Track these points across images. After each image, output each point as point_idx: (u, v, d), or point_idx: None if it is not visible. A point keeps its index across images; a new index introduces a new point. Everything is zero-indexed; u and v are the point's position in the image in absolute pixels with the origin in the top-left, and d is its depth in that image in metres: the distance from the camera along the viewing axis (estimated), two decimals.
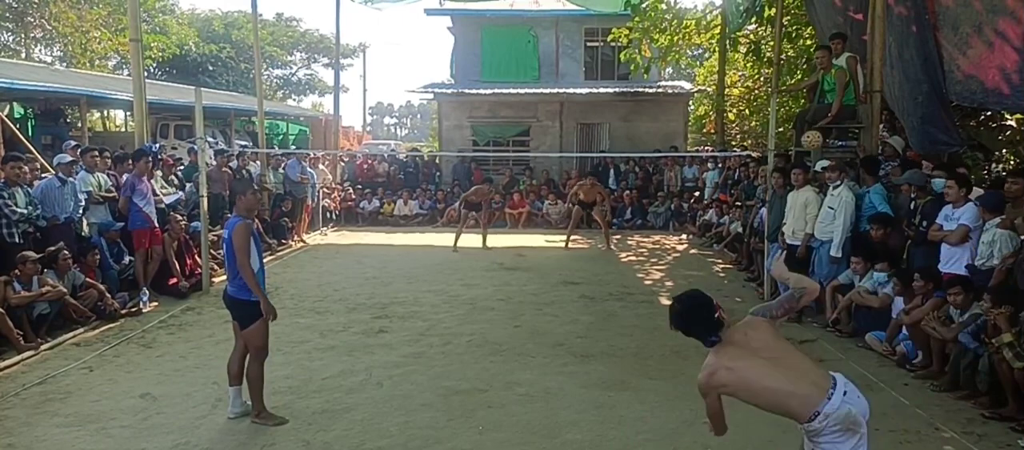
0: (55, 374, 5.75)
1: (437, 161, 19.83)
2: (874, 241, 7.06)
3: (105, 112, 27.66)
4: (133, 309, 7.68)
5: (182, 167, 11.85)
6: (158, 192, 9.06)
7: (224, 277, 9.68)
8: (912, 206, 7.02)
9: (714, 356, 2.89)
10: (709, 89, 20.45)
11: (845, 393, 2.76)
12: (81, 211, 7.88)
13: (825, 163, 8.05)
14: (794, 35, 14.53)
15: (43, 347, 6.36)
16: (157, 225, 8.56)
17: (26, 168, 7.48)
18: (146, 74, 9.96)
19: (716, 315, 2.89)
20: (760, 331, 2.91)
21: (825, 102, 8.79)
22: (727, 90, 18.87)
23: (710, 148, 20.24)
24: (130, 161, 8.87)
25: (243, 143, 20.03)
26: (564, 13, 19.68)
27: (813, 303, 7.63)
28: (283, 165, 14.13)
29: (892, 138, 9.48)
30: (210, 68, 36.72)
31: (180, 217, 9.16)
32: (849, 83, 8.30)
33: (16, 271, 6.52)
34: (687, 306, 2.96)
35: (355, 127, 39.49)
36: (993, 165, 10.94)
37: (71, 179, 7.82)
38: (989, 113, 9.97)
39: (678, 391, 5.48)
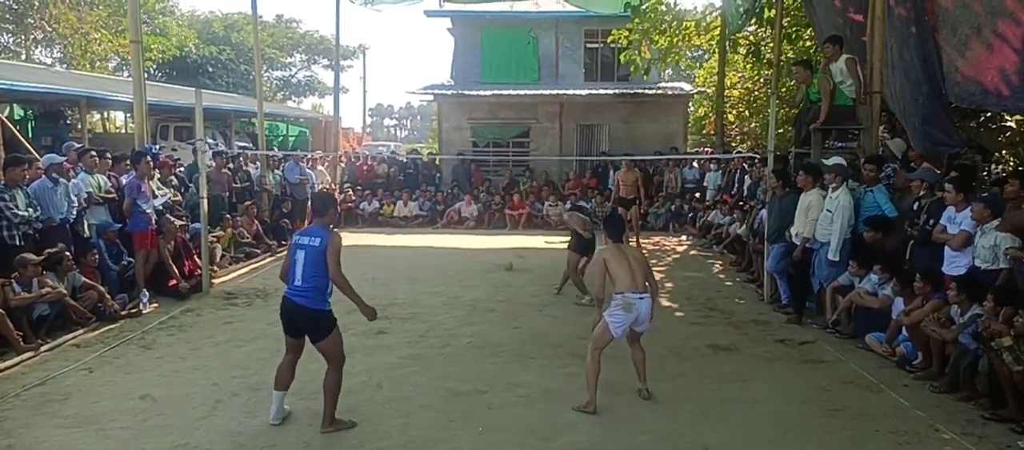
0: (55, 375, 5.74)
1: (437, 162, 19.84)
2: (868, 243, 7.05)
3: (105, 114, 27.67)
4: (133, 310, 7.67)
5: (183, 168, 11.88)
6: (156, 193, 9.06)
7: (225, 277, 9.86)
8: (917, 206, 7.00)
9: (612, 245, 5.32)
10: (709, 90, 20.48)
11: (642, 299, 5.03)
12: (75, 212, 7.84)
13: (837, 160, 7.94)
14: (794, 37, 14.55)
15: (43, 348, 6.35)
16: (154, 226, 8.54)
17: (26, 170, 7.47)
18: (146, 76, 9.95)
19: (624, 232, 5.64)
20: (636, 253, 5.37)
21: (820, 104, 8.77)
22: (727, 91, 18.89)
23: (710, 149, 20.26)
24: (127, 161, 8.87)
25: (243, 145, 20.04)
26: (564, 14, 19.69)
27: (813, 303, 7.77)
28: (281, 167, 14.14)
29: (893, 141, 9.47)
30: (210, 70, 36.77)
31: (173, 219, 9.14)
32: (834, 88, 8.32)
33: (16, 273, 6.53)
34: (616, 218, 5.89)
35: (355, 128, 39.57)
36: (993, 166, 10.94)
37: (63, 180, 7.76)
38: (989, 114, 9.98)
39: (677, 393, 5.49)
